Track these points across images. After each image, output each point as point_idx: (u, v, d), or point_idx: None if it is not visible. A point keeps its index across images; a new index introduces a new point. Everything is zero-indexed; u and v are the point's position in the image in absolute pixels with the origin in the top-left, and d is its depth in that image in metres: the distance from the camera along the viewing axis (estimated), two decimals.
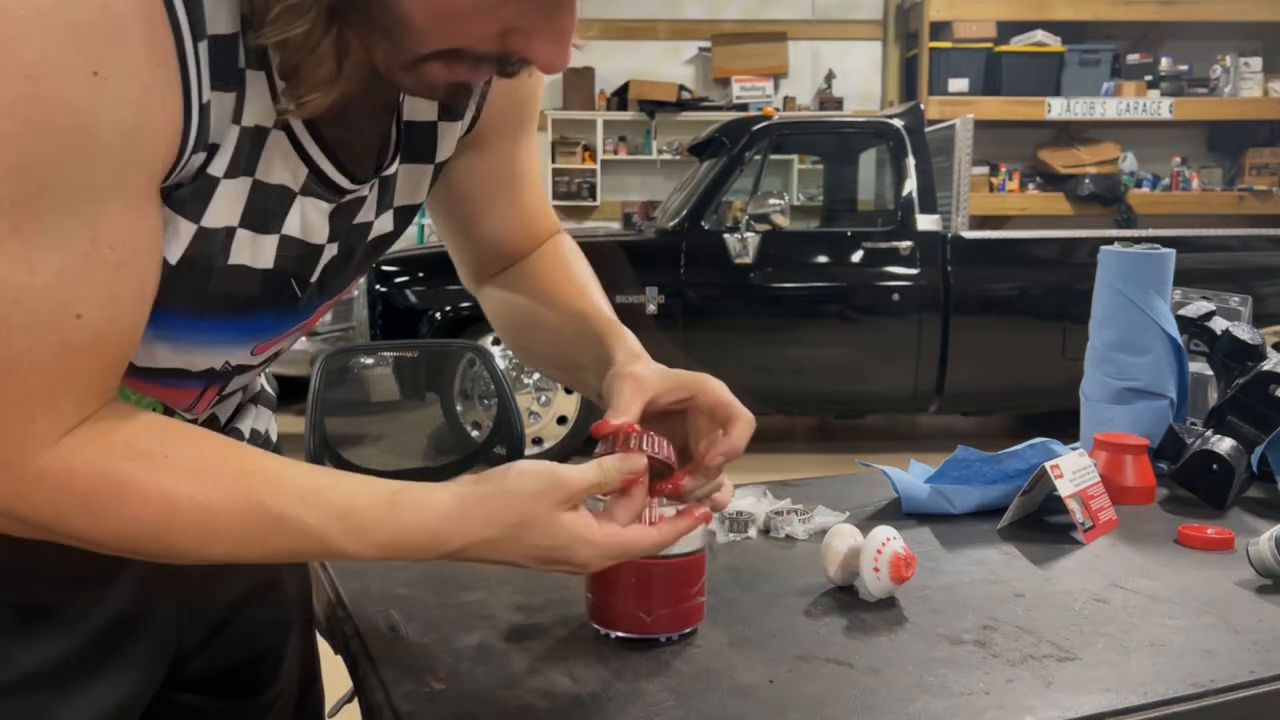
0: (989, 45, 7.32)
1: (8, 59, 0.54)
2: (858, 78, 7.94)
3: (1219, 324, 1.40)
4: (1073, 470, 1.17)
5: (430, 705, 0.75)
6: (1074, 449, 1.25)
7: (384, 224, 0.83)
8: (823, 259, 4.74)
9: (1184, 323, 1.42)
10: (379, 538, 0.66)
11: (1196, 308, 1.43)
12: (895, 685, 0.79)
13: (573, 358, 0.89)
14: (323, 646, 1.01)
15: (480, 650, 0.84)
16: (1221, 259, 4.91)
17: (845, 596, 0.96)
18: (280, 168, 0.69)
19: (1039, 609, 0.94)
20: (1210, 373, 1.44)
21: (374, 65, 0.67)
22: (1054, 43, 7.37)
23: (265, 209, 0.70)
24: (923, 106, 5.09)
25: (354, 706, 0.91)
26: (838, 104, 7.72)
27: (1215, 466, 1.26)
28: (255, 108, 0.66)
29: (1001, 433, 5.37)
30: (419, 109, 0.81)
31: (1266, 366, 1.33)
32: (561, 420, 4.66)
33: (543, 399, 4.64)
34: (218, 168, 0.65)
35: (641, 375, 0.79)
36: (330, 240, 0.76)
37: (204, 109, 0.62)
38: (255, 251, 0.70)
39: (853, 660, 0.83)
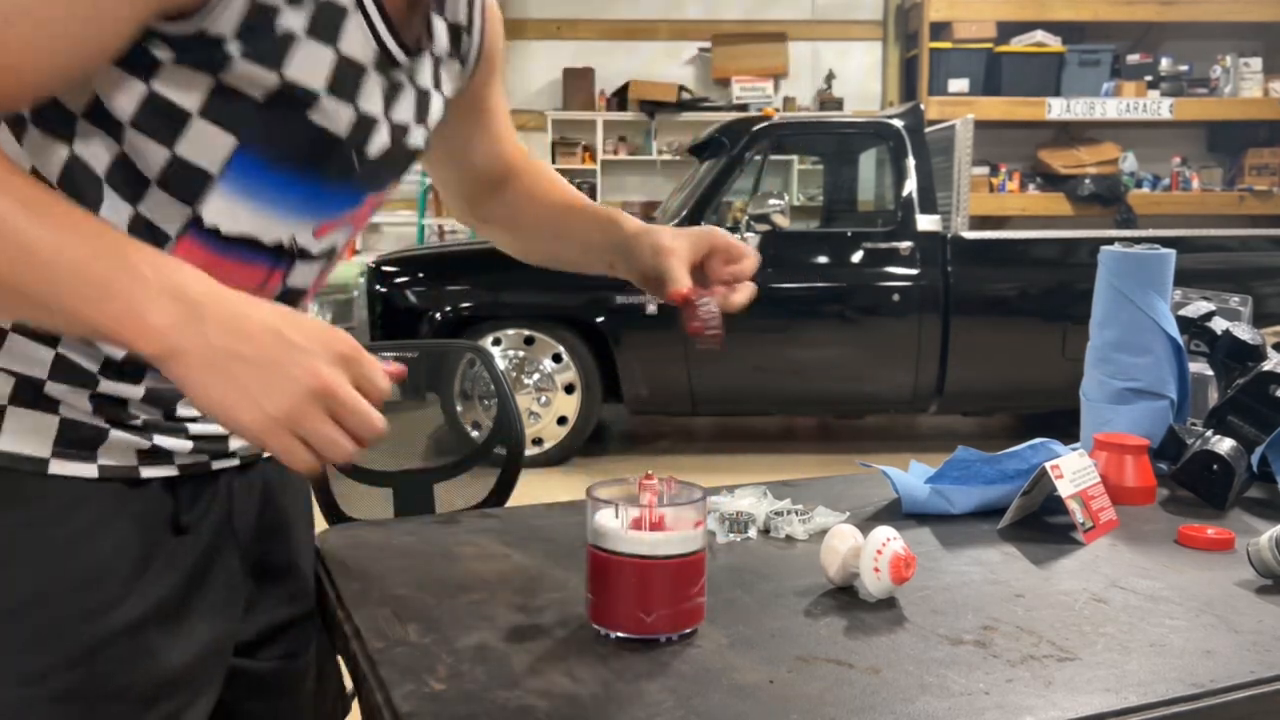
0: (989, 45, 7.31)
1: None
2: (858, 78, 7.94)
3: (1219, 324, 1.40)
4: (1073, 470, 1.17)
5: (430, 705, 0.75)
6: (1074, 449, 1.25)
7: (436, 107, 0.93)
8: (823, 259, 4.74)
9: (1184, 323, 1.42)
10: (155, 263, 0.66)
11: (1196, 308, 1.43)
12: (895, 685, 0.79)
13: (583, 241, 1.09)
14: None
15: (480, 650, 0.84)
16: (1221, 259, 4.91)
17: (845, 597, 0.96)
18: (355, 40, 0.79)
19: (1039, 609, 0.94)
20: (1210, 373, 1.44)
21: None
22: (1054, 43, 7.37)
23: (345, 75, 0.79)
24: (923, 107, 5.09)
25: (354, 707, 0.92)
26: (838, 104, 7.72)
27: (1215, 467, 1.26)
28: None
29: (1002, 433, 5.37)
30: (460, 12, 0.95)
31: (1267, 367, 1.33)
32: (561, 420, 4.66)
33: (543, 399, 4.64)
34: (295, 23, 0.74)
35: (676, 249, 0.97)
36: (384, 113, 0.84)
37: None
38: (334, 112, 0.79)
39: (853, 660, 0.83)
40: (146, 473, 0.83)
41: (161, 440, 0.84)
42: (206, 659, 0.88)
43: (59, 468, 0.78)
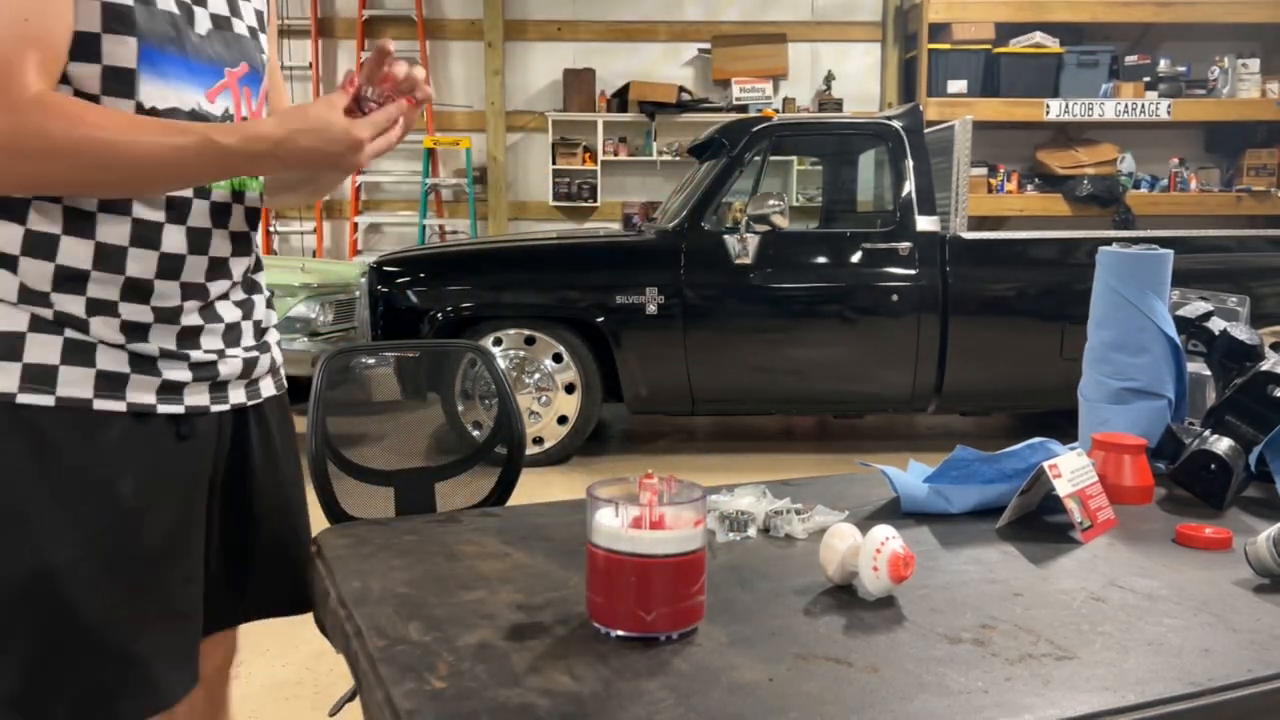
0: (987, 47, 7.32)
1: None
2: (857, 79, 7.94)
3: (1217, 324, 1.41)
4: (1071, 470, 1.17)
5: (431, 704, 0.76)
6: (1072, 449, 1.26)
7: (246, 7, 1.18)
8: (822, 260, 4.75)
9: (1182, 323, 1.42)
10: (234, 130, 1.03)
11: (1194, 308, 1.43)
12: (894, 684, 0.79)
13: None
14: (323, 645, 1.02)
15: (481, 649, 0.84)
16: (1219, 259, 4.91)
17: (844, 595, 0.97)
18: None
19: (1037, 608, 0.94)
20: (1208, 373, 1.45)
21: None
22: (1052, 44, 7.37)
23: None
24: (921, 108, 5.09)
25: (356, 705, 0.92)
26: (837, 105, 7.72)
27: (1213, 466, 1.26)
28: None
29: (1000, 433, 5.38)
30: None
31: (1264, 367, 1.33)
32: (562, 420, 4.66)
33: (543, 399, 4.65)
34: None
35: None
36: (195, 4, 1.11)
37: None
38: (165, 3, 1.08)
39: (852, 659, 0.83)
40: (163, 409, 1.09)
41: (171, 374, 1.09)
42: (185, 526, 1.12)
43: (101, 405, 1.05)
